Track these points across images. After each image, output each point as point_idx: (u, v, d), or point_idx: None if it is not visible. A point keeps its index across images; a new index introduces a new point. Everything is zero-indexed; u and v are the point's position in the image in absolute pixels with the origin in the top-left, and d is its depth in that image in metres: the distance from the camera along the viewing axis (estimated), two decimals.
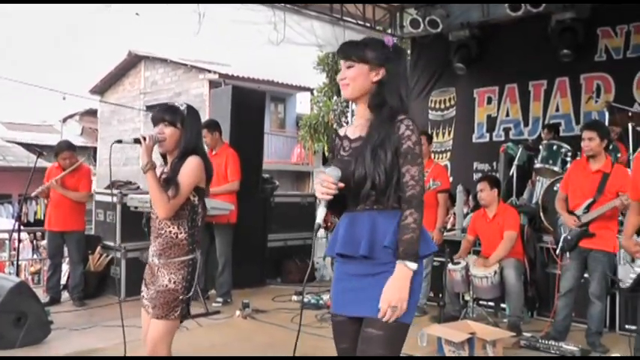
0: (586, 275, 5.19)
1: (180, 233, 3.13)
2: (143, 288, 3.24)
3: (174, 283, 3.09)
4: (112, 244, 7.02)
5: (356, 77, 2.42)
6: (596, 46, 8.08)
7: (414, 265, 2.29)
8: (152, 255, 3.18)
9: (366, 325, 2.34)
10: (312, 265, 7.05)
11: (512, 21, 8.32)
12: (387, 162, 2.33)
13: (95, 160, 24.73)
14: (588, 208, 4.98)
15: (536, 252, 6.08)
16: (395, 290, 2.28)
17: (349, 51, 2.46)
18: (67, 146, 6.68)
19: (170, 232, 3.13)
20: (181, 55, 21.23)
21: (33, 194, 6.64)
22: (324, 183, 2.31)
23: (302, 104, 22.92)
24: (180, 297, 3.10)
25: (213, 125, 6.82)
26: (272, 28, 8.03)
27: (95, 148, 25.05)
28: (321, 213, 2.34)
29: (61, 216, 6.52)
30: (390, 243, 2.32)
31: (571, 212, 5.11)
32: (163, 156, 3.29)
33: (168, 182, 3.10)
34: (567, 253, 5.19)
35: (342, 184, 2.34)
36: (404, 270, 2.29)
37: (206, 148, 6.73)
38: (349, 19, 9.01)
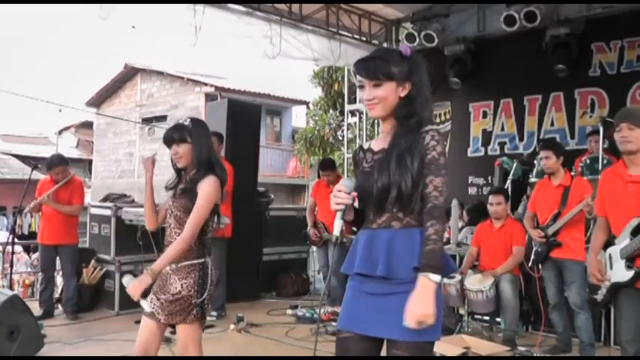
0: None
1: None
2: (151, 296, 3.24)
3: (187, 289, 3.14)
4: (106, 257, 6.99)
5: (387, 96, 2.36)
6: (590, 61, 8.11)
7: (436, 277, 2.19)
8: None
9: (393, 347, 2.30)
10: (329, 280, 7.05)
11: (508, 36, 8.36)
12: (414, 169, 2.29)
13: (90, 173, 24.71)
14: (555, 220, 5.21)
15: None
16: (420, 304, 2.17)
17: (374, 69, 2.37)
18: (59, 160, 6.64)
19: None
20: (178, 68, 21.29)
21: (25, 210, 6.60)
22: (337, 193, 2.28)
23: (298, 117, 22.99)
24: (193, 301, 3.15)
25: (217, 137, 6.83)
26: (268, 42, 8.03)
27: (90, 161, 25.03)
28: (337, 225, 2.30)
29: (54, 229, 6.48)
30: (417, 264, 2.25)
31: (541, 228, 5.33)
32: (178, 171, 3.37)
33: (185, 192, 3.22)
34: (539, 265, 5.41)
35: (355, 194, 2.31)
36: (427, 282, 2.19)
37: None
38: (345, 33, 9.05)
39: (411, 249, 2.29)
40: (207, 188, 3.18)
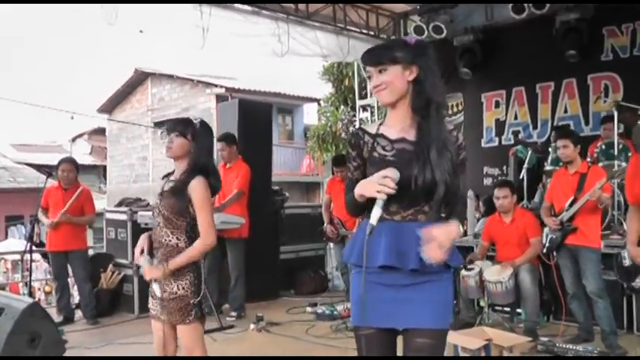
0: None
1: (180, 242, 3.23)
2: (150, 300, 3.33)
3: (183, 288, 3.19)
4: (123, 261, 7.03)
5: (392, 80, 2.36)
6: (602, 45, 8.02)
7: (460, 230, 2.33)
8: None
9: (417, 336, 2.30)
10: (364, 272, 7.01)
11: (517, 24, 8.28)
12: (453, 161, 2.35)
13: (105, 179, 24.86)
14: (570, 206, 5.18)
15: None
16: (445, 232, 2.21)
17: (378, 56, 2.41)
18: (68, 159, 6.78)
19: (170, 241, 3.23)
20: (187, 70, 21.32)
21: (45, 225, 6.62)
22: (384, 181, 2.19)
23: (309, 115, 22.94)
24: (191, 301, 3.20)
25: (231, 138, 6.84)
26: (276, 40, 8.02)
27: (105, 167, 25.17)
28: (376, 213, 2.20)
29: (62, 236, 6.47)
30: (452, 254, 2.31)
31: (556, 215, 5.31)
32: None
33: (174, 193, 3.24)
34: (554, 253, 5.37)
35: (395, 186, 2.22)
36: (456, 224, 2.30)
37: (221, 160, 6.80)
38: (353, 29, 9.01)
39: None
40: (199, 190, 3.22)
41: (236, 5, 7.69)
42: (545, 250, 5.46)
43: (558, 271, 5.45)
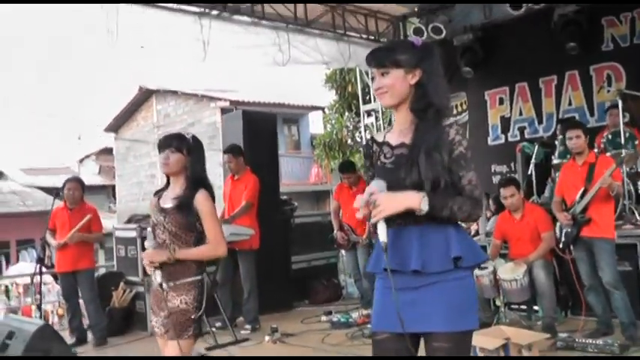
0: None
1: None
2: (152, 317, 3.33)
3: (186, 303, 3.18)
4: (135, 279, 7.01)
5: (394, 84, 2.34)
6: (602, 36, 7.99)
7: (425, 207, 2.18)
8: (159, 280, 3.21)
9: (433, 340, 2.27)
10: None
11: (515, 20, 8.24)
12: (445, 164, 2.28)
13: (115, 198, 24.91)
14: (582, 197, 5.14)
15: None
16: (394, 197, 2.20)
17: (381, 58, 2.38)
18: (73, 178, 6.83)
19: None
20: (190, 84, 21.35)
21: (54, 245, 6.61)
22: (374, 200, 2.20)
23: (315, 124, 22.93)
24: (192, 316, 3.19)
25: (237, 150, 6.82)
26: (277, 49, 8.02)
27: (114, 187, 25.22)
28: (382, 231, 2.21)
29: (69, 256, 6.44)
30: (458, 252, 2.25)
31: (568, 209, 5.27)
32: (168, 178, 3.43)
33: (181, 208, 3.23)
34: (571, 247, 5.31)
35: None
36: (417, 197, 2.19)
37: (229, 172, 6.79)
38: (353, 34, 9.00)
39: (444, 241, 2.27)
40: (207, 203, 3.26)
41: (235, 17, 7.70)
42: (561, 246, 5.40)
43: (575, 265, 5.39)
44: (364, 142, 2.61)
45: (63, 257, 6.51)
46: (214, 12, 7.43)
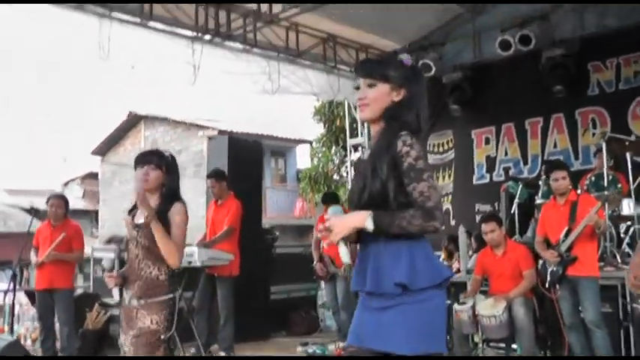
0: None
1: (161, 275, 3.22)
2: (121, 334, 3.25)
3: (157, 323, 3.13)
4: (110, 301, 6.89)
5: (377, 98, 2.35)
6: (588, 80, 8.11)
7: (369, 225, 2.18)
8: (130, 298, 3.19)
9: None
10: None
11: (504, 61, 8.36)
12: (383, 173, 2.25)
13: (97, 223, 24.68)
14: (566, 236, 5.17)
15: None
16: (343, 218, 2.26)
17: (371, 69, 2.40)
18: (57, 195, 6.81)
19: (151, 273, 3.20)
20: (179, 109, 21.46)
21: (33, 265, 6.49)
22: (328, 225, 2.25)
23: (302, 158, 23.01)
24: (162, 336, 3.15)
25: (221, 174, 6.78)
26: (267, 78, 8.07)
27: (97, 212, 25.00)
28: (343, 251, 2.28)
29: (47, 274, 6.31)
30: (401, 278, 2.21)
31: (553, 247, 5.28)
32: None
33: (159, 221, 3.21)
34: (557, 286, 5.28)
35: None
36: (363, 216, 2.20)
37: (212, 197, 6.74)
38: (343, 67, 9.09)
39: (396, 263, 2.24)
40: (181, 214, 3.28)
41: (227, 43, 7.75)
42: (547, 285, 5.37)
43: (559, 304, 5.35)
44: (353, 164, 2.63)
45: (40, 275, 6.40)
46: (207, 37, 7.48)
